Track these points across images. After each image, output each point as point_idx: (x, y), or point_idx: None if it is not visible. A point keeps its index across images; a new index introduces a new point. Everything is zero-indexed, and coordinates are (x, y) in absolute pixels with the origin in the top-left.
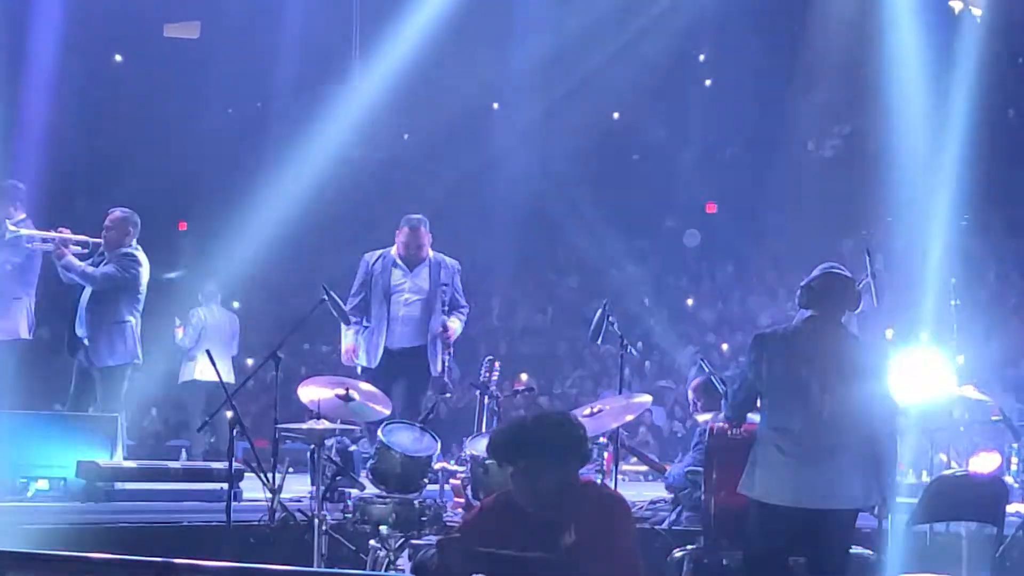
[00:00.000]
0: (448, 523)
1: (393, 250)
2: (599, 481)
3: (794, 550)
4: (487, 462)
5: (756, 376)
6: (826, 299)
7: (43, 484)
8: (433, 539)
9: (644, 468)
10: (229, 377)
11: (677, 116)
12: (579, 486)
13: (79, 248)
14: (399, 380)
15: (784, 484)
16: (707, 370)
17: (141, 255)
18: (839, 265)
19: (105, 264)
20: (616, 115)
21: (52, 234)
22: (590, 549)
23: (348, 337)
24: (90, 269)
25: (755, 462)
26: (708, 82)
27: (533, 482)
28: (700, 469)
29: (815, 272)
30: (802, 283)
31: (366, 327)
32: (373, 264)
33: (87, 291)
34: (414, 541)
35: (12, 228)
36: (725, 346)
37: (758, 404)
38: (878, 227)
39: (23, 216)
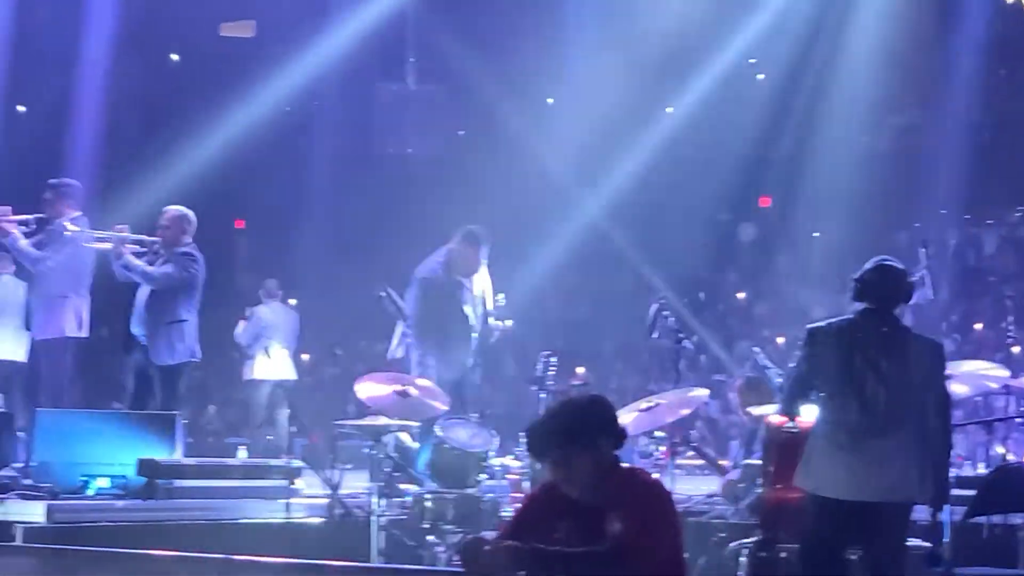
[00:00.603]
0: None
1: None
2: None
3: (850, 543)
4: None
5: (810, 369)
6: (879, 292)
7: (104, 482)
8: (488, 535)
9: (700, 462)
10: (291, 374)
11: (730, 109)
12: (621, 472)
13: (136, 247)
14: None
15: (839, 477)
16: (762, 364)
17: (198, 253)
18: (891, 258)
19: (162, 262)
20: (669, 109)
21: (110, 233)
22: (636, 537)
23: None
24: (150, 268)
25: (811, 455)
26: (761, 76)
27: (570, 468)
28: (757, 463)
29: (867, 265)
30: (854, 276)
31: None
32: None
33: (144, 290)
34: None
35: (71, 227)
36: (780, 340)
37: (813, 398)
38: (933, 220)
39: (78, 214)
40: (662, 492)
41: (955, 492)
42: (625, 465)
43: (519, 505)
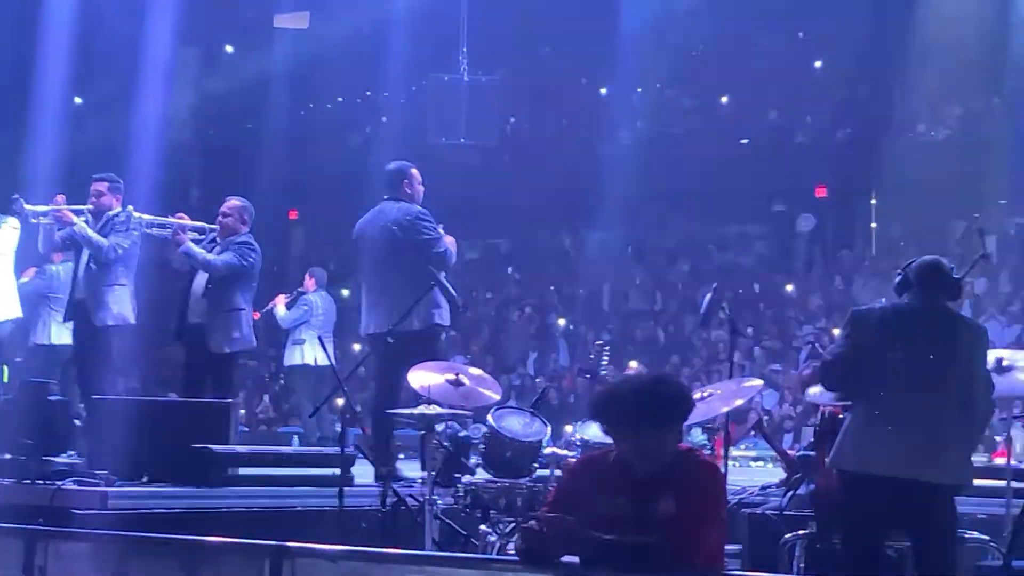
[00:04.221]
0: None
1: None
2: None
3: (895, 527)
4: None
5: (853, 352)
6: (921, 285)
7: (159, 470)
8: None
9: (754, 453)
10: (328, 362)
11: (787, 98)
12: (678, 451)
13: (195, 234)
14: None
15: (887, 454)
16: (819, 354)
17: (255, 243)
18: (939, 257)
19: (219, 251)
20: (724, 99)
21: (170, 220)
22: (690, 518)
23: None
24: (211, 257)
25: (852, 435)
26: (818, 63)
27: (654, 446)
28: (813, 453)
29: (913, 262)
30: (899, 269)
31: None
32: None
33: (201, 278)
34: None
35: (137, 214)
36: (836, 331)
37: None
38: (991, 210)
39: (119, 208)
40: (718, 476)
41: (1016, 484)
42: (682, 445)
43: (560, 481)
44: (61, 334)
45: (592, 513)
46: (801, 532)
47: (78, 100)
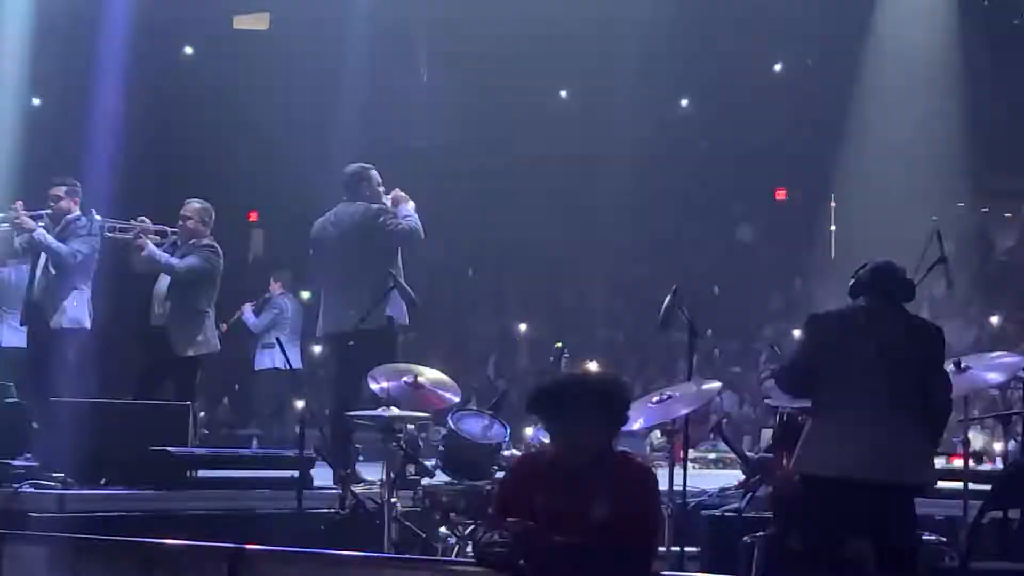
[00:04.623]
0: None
1: None
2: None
3: (855, 531)
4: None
5: (812, 355)
6: (875, 287)
7: (117, 473)
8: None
9: (713, 455)
10: (299, 364)
11: (745, 102)
12: (615, 455)
13: (156, 238)
14: None
15: (846, 456)
16: (779, 356)
17: (218, 246)
18: (891, 259)
19: (181, 254)
20: (684, 102)
21: (132, 223)
22: (625, 522)
23: None
24: (175, 260)
25: (808, 437)
26: (777, 67)
27: (585, 439)
28: (772, 455)
29: (865, 264)
30: (851, 274)
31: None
32: None
33: (163, 281)
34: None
35: (98, 217)
36: (796, 332)
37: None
38: (950, 212)
39: (77, 212)
40: (654, 480)
41: (972, 487)
42: (619, 451)
43: (502, 482)
44: (14, 337)
45: (532, 511)
46: (760, 534)
47: (37, 101)
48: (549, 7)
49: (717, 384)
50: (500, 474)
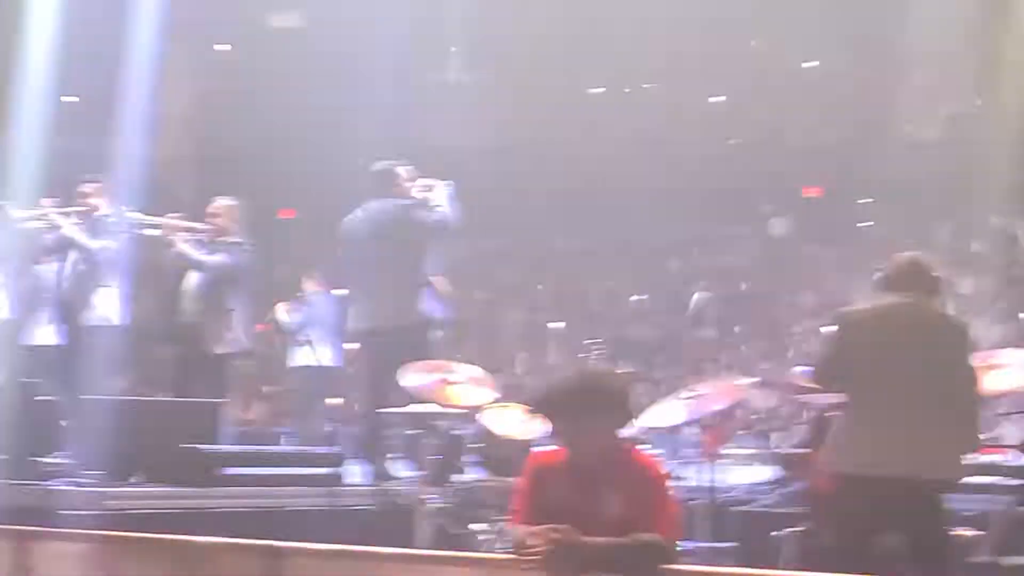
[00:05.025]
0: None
1: None
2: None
3: (889, 526)
4: None
5: (838, 351)
6: (902, 282)
7: (150, 470)
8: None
9: (744, 452)
10: (334, 362)
11: (777, 99)
12: (623, 451)
13: (187, 235)
14: None
15: (875, 454)
16: (810, 353)
17: (248, 243)
18: (917, 253)
19: (211, 252)
20: (715, 99)
21: (163, 220)
22: (639, 518)
23: None
24: (205, 257)
25: (841, 436)
26: (809, 64)
27: (579, 436)
28: (803, 451)
29: (893, 260)
30: (878, 269)
31: None
32: None
33: (192, 278)
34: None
35: (128, 214)
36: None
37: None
38: (979, 210)
39: (108, 209)
40: (662, 477)
41: (1005, 482)
42: (627, 444)
43: (520, 486)
44: (46, 335)
45: (548, 510)
46: (792, 529)
47: (68, 99)
48: (582, 5)
49: (748, 381)
50: None
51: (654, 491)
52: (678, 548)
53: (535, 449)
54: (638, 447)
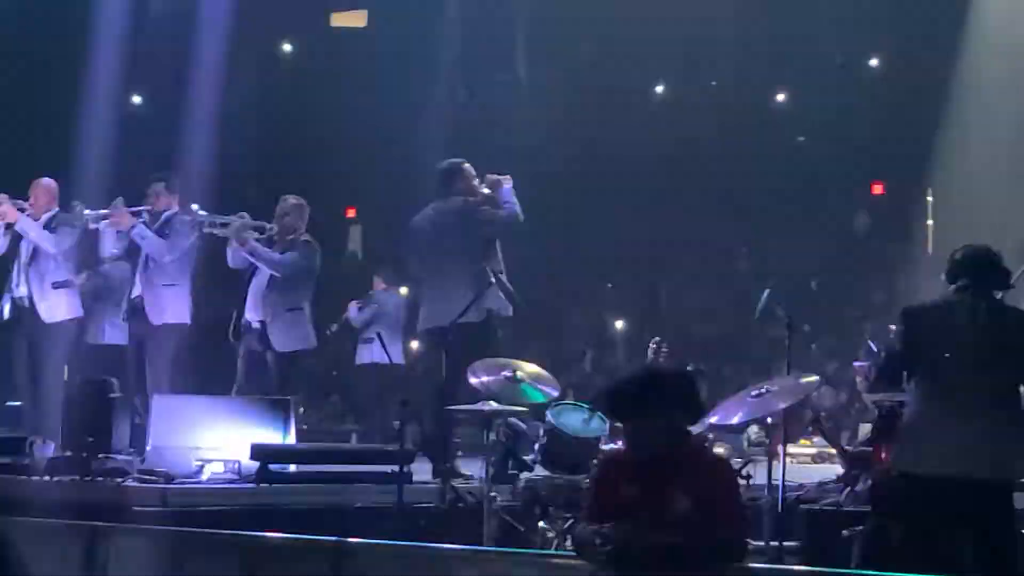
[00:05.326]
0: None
1: None
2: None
3: (957, 526)
4: None
5: (905, 349)
6: (970, 272)
7: (218, 467)
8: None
9: (811, 450)
10: (401, 359)
11: (842, 96)
12: (691, 446)
13: (255, 233)
14: None
15: (942, 454)
16: (876, 351)
17: (315, 242)
18: (987, 244)
19: (279, 250)
20: (780, 96)
21: (230, 219)
22: (707, 514)
23: None
24: (277, 256)
25: (909, 435)
26: (874, 61)
27: (645, 433)
28: (871, 449)
29: (961, 250)
30: (948, 257)
31: None
32: None
33: (261, 277)
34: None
35: (198, 212)
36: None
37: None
38: None
39: (177, 208)
40: (729, 473)
41: None
42: (696, 439)
43: (591, 484)
44: (116, 334)
45: (620, 507)
46: (859, 528)
47: (136, 99)
48: (644, 3)
49: (815, 378)
50: None
51: (724, 488)
52: (746, 546)
53: (602, 447)
54: (707, 444)
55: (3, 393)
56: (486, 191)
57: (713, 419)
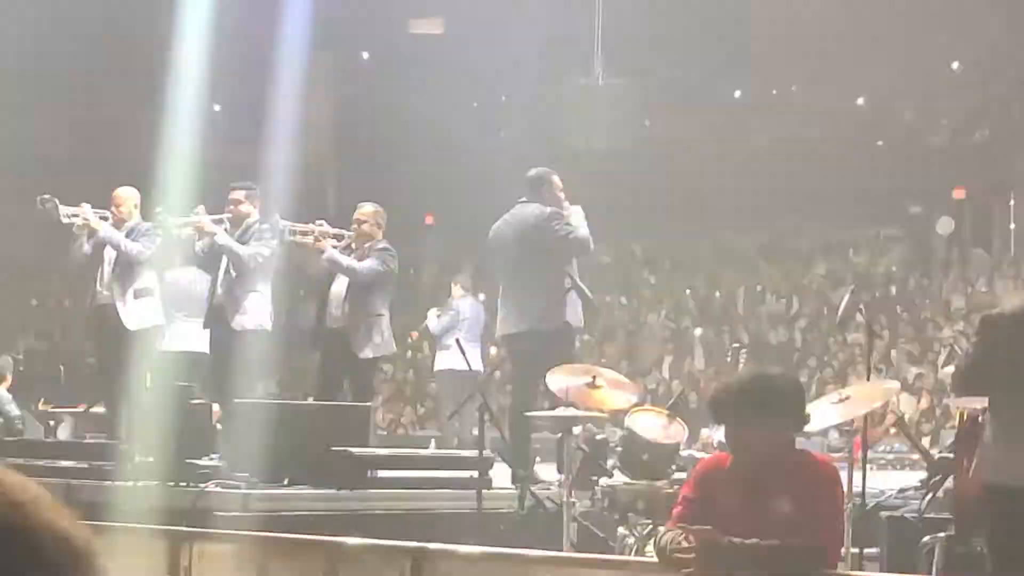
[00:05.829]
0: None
1: None
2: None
3: None
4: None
5: (984, 357)
6: None
7: (298, 472)
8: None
9: (891, 456)
10: (479, 366)
11: (922, 100)
12: (796, 453)
13: (333, 241)
14: None
15: (1015, 462)
16: (959, 355)
17: (393, 249)
18: None
19: (357, 257)
20: (860, 100)
21: (310, 227)
22: (808, 522)
23: None
24: (356, 263)
25: (987, 444)
26: (955, 64)
27: (750, 439)
28: (952, 456)
29: None
30: None
31: None
32: None
33: (340, 283)
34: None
35: (280, 220)
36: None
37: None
38: None
39: (257, 216)
40: (835, 474)
41: None
42: (800, 448)
43: (686, 487)
44: (194, 340)
45: (714, 513)
46: (940, 535)
47: (217, 107)
48: (723, 7)
49: (896, 384)
50: (678, 474)
51: (826, 494)
52: (839, 556)
53: (680, 453)
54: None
55: (88, 400)
56: (569, 206)
57: None
